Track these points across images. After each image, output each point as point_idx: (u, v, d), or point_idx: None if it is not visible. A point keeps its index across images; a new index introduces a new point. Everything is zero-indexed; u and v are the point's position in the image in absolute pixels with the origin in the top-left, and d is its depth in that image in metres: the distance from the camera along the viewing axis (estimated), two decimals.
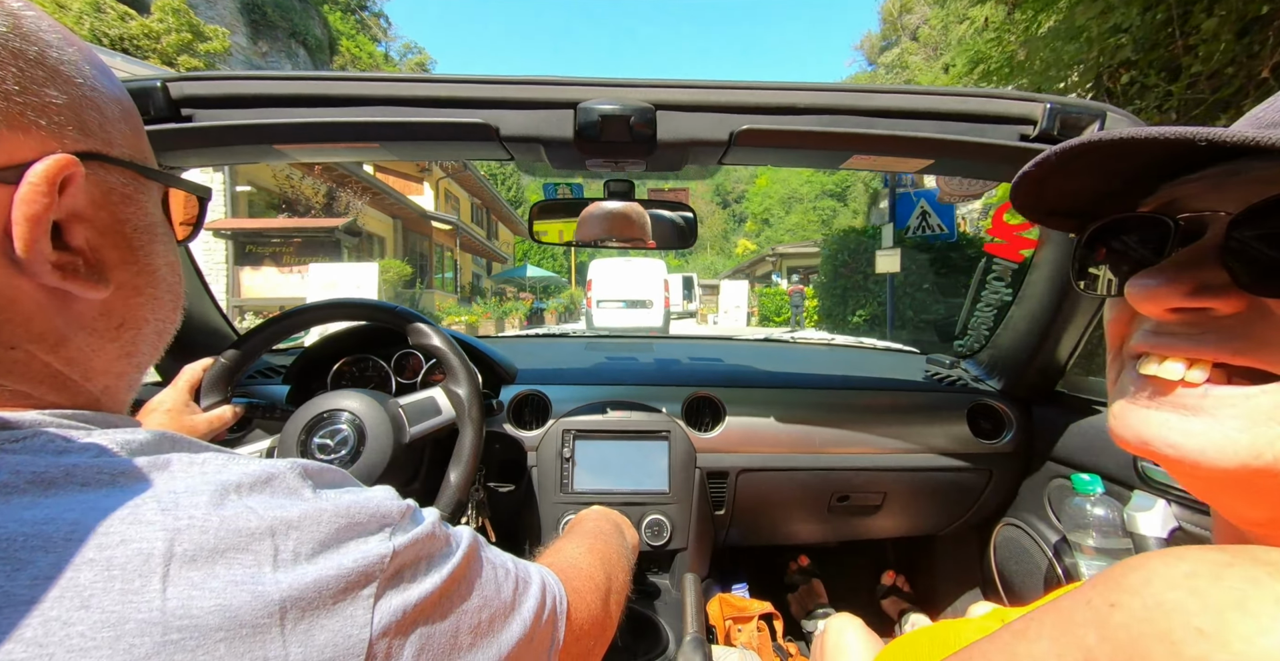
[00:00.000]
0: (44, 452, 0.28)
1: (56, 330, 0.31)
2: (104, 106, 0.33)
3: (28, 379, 0.31)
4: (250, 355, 0.93)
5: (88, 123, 0.32)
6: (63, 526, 0.25)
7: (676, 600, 1.09)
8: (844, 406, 1.24)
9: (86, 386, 0.34)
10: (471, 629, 0.36)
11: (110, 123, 0.34)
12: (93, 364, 0.34)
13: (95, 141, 0.33)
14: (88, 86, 0.32)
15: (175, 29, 14.33)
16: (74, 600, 0.24)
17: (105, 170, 0.33)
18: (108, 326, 0.34)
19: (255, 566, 0.27)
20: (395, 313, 0.95)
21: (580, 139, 0.77)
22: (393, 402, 0.90)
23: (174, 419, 0.82)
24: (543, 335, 2.08)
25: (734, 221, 60.96)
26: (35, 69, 0.29)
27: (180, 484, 0.29)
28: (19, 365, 0.30)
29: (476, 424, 0.88)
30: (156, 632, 0.24)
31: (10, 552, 0.24)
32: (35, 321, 0.31)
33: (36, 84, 0.29)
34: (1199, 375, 0.30)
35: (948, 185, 6.83)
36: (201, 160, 0.88)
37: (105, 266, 0.33)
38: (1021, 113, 0.76)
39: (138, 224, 0.35)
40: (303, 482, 0.33)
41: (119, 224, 0.34)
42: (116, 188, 0.34)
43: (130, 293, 0.35)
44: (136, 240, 0.35)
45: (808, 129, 0.76)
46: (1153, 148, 0.29)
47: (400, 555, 0.33)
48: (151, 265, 0.37)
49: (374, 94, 0.76)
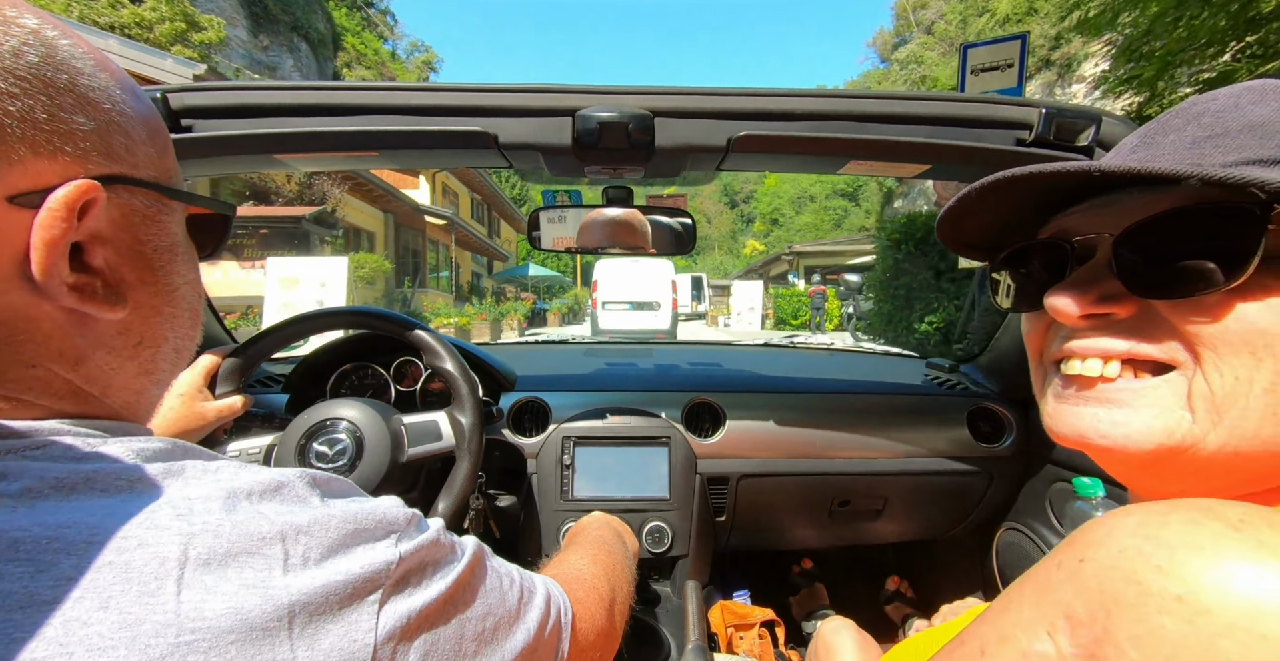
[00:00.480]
0: (64, 459, 0.29)
1: (76, 349, 0.32)
2: (131, 130, 0.34)
3: (49, 395, 0.32)
4: (268, 350, 0.93)
5: (114, 147, 0.33)
6: (83, 530, 0.26)
7: (678, 607, 1.09)
8: (844, 411, 1.24)
9: (106, 402, 0.35)
10: (476, 636, 0.37)
11: (137, 145, 0.35)
12: (112, 381, 0.35)
13: (120, 165, 0.33)
14: (116, 111, 0.33)
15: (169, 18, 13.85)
16: (94, 601, 0.24)
17: (129, 192, 0.34)
18: (126, 345, 0.35)
19: (266, 570, 0.28)
20: (413, 329, 0.94)
21: (578, 146, 0.77)
22: (396, 419, 0.89)
23: (186, 404, 0.82)
24: (542, 342, 2.08)
25: (742, 221, 60.93)
26: (64, 97, 0.30)
27: (195, 490, 0.30)
28: (40, 382, 0.31)
29: (474, 457, 0.87)
30: (171, 633, 0.25)
31: (34, 555, 0.25)
32: (55, 340, 0.31)
33: (65, 111, 0.30)
34: (1114, 370, 0.36)
35: (945, 190, 6.86)
36: (201, 170, 0.88)
37: (124, 286, 0.34)
38: (1018, 118, 0.76)
39: (158, 244, 0.36)
40: (311, 491, 0.33)
41: (139, 244, 0.35)
42: (139, 209, 0.35)
43: (149, 312, 0.36)
44: (157, 261, 0.36)
45: (805, 135, 0.77)
46: (1054, 180, 0.35)
47: (406, 561, 0.33)
48: (171, 284, 0.37)
49: (373, 103, 0.76)
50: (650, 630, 1.02)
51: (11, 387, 0.31)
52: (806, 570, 1.63)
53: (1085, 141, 0.76)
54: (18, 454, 0.28)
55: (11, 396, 0.31)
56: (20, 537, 0.25)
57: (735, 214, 61.46)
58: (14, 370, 0.30)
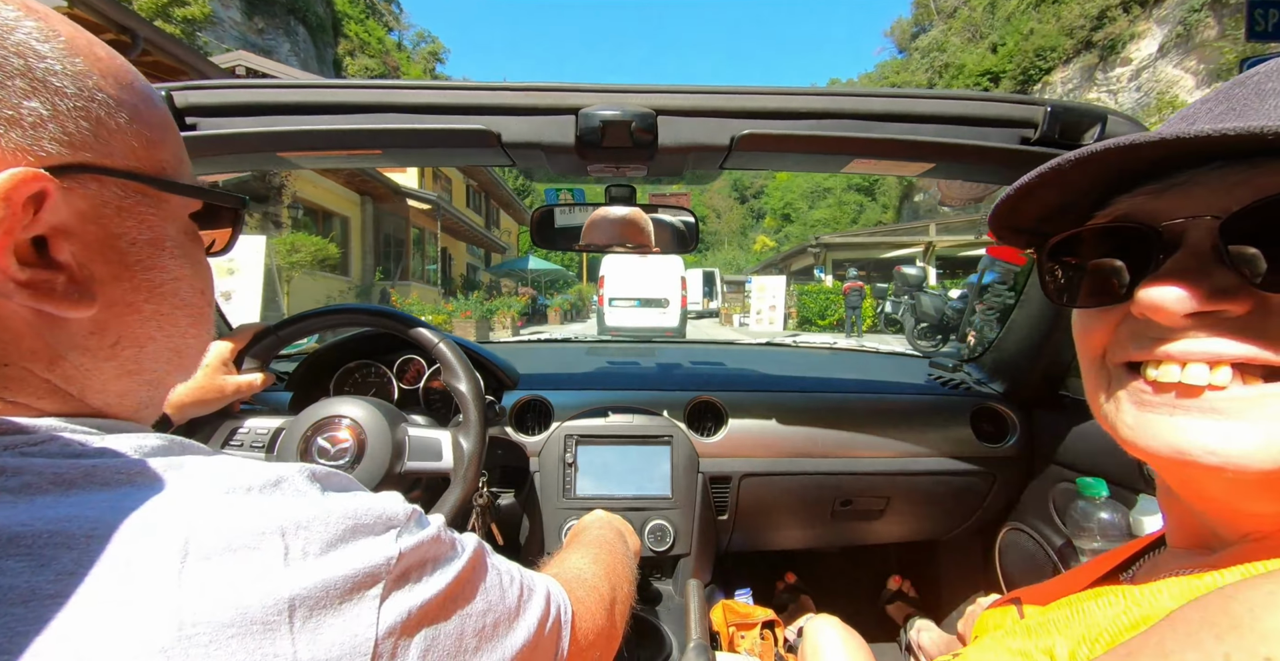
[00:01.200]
0: (62, 455, 0.29)
1: (49, 348, 0.31)
2: (104, 117, 0.32)
3: (28, 393, 0.31)
4: (300, 333, 0.93)
5: (76, 134, 0.31)
6: (84, 524, 0.26)
7: (679, 606, 1.09)
8: (847, 410, 1.23)
9: (86, 402, 0.34)
10: (476, 632, 0.36)
11: (111, 134, 0.32)
12: (88, 382, 0.33)
13: (85, 153, 0.31)
14: (84, 96, 0.31)
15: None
16: (96, 595, 0.25)
17: (98, 183, 0.32)
18: (101, 345, 0.33)
19: (266, 564, 0.28)
20: (437, 343, 0.93)
21: (582, 145, 0.77)
22: (402, 428, 0.89)
23: (208, 375, 0.82)
24: (545, 340, 2.09)
25: (752, 217, 60.35)
26: (15, 81, 0.28)
27: (195, 484, 0.30)
28: (14, 381, 0.31)
29: (468, 484, 0.86)
30: (173, 627, 0.25)
31: (36, 549, 0.25)
32: (25, 339, 0.30)
33: (15, 96, 0.28)
34: (1224, 376, 0.30)
35: (949, 188, 6.84)
36: (206, 168, 0.89)
37: (93, 283, 0.32)
38: (1022, 116, 0.76)
39: (136, 238, 0.34)
40: (311, 485, 0.33)
41: (112, 239, 0.33)
42: (110, 200, 0.32)
43: (124, 309, 0.34)
44: (133, 255, 0.34)
45: (808, 133, 0.77)
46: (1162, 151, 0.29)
47: (406, 557, 0.33)
48: (153, 281, 0.35)
49: (377, 101, 0.76)
50: (652, 628, 1.03)
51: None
52: (791, 584, 1.62)
53: (1090, 140, 0.76)
54: (16, 450, 0.28)
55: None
56: (21, 532, 0.25)
57: (745, 209, 60.83)
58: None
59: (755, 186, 59.25)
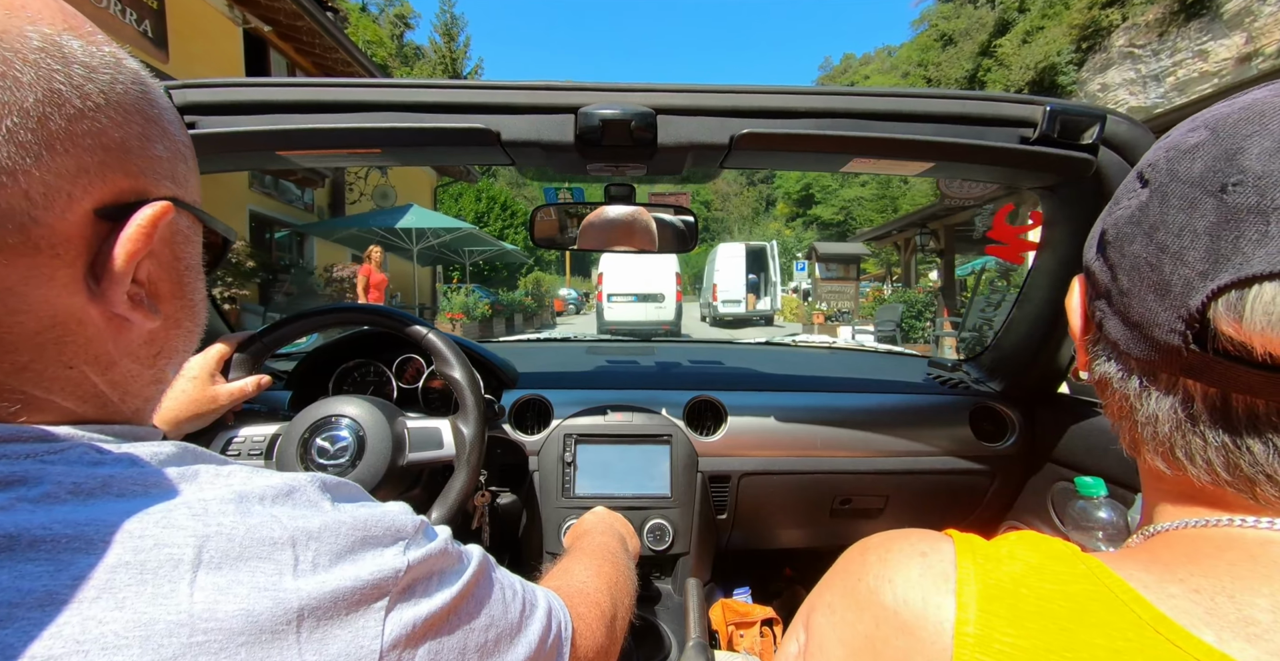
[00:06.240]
0: (80, 463, 0.30)
1: (108, 354, 0.34)
2: (189, 158, 0.39)
3: (76, 397, 0.33)
4: (285, 339, 0.92)
5: (178, 173, 0.37)
6: (101, 530, 0.27)
7: (679, 605, 1.09)
8: (846, 409, 1.24)
9: (122, 408, 0.36)
10: (479, 647, 0.37)
11: (190, 172, 0.39)
12: (129, 388, 0.36)
13: (180, 189, 0.37)
14: (180, 141, 0.37)
15: None
16: (110, 600, 0.25)
17: (179, 214, 0.36)
18: (148, 354, 0.37)
19: (276, 574, 0.29)
20: (425, 333, 0.93)
21: (581, 143, 0.77)
22: (400, 421, 0.89)
23: (199, 387, 0.82)
24: (544, 340, 2.09)
25: (762, 203, 59.17)
26: (152, 127, 0.34)
27: (209, 493, 0.31)
28: (71, 384, 0.32)
29: (472, 469, 0.87)
30: (184, 634, 0.26)
31: (54, 554, 0.26)
32: (94, 345, 0.33)
33: (150, 141, 0.34)
34: None
35: (949, 187, 6.85)
36: (205, 167, 0.89)
37: (159, 299, 0.36)
38: (1021, 115, 0.76)
39: (189, 262, 0.39)
40: (322, 495, 0.34)
41: (176, 261, 0.37)
42: (182, 229, 0.37)
43: (172, 325, 0.38)
44: (186, 276, 0.38)
45: (808, 132, 0.77)
46: None
47: (413, 569, 0.34)
48: (192, 300, 0.39)
49: (376, 100, 0.76)
50: (651, 627, 1.03)
51: (46, 386, 0.31)
52: (787, 577, 1.62)
53: (1090, 139, 0.76)
54: (36, 458, 0.29)
55: (40, 396, 0.31)
56: (41, 537, 0.26)
57: (755, 192, 59.36)
58: (53, 369, 0.31)
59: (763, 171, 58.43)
